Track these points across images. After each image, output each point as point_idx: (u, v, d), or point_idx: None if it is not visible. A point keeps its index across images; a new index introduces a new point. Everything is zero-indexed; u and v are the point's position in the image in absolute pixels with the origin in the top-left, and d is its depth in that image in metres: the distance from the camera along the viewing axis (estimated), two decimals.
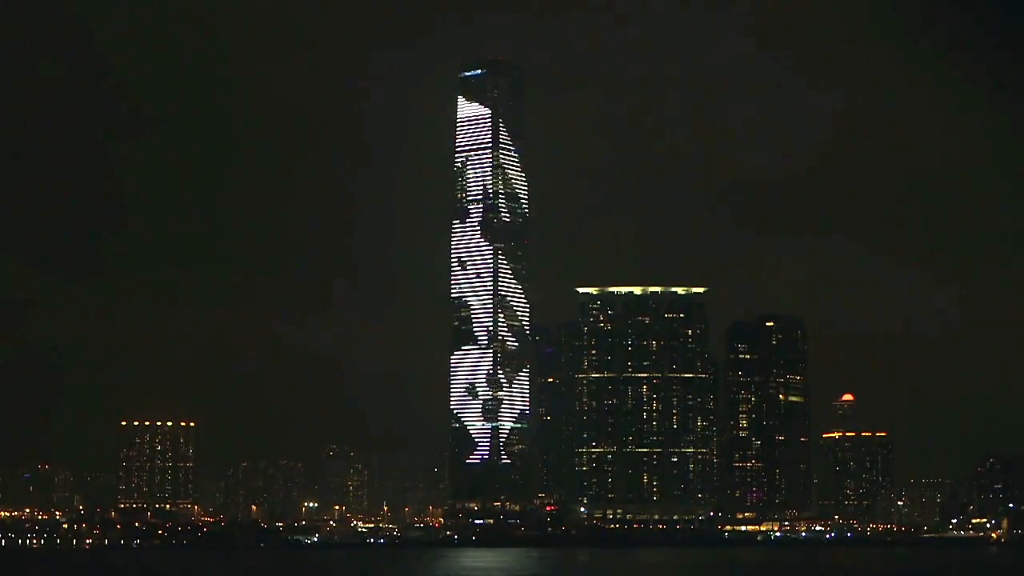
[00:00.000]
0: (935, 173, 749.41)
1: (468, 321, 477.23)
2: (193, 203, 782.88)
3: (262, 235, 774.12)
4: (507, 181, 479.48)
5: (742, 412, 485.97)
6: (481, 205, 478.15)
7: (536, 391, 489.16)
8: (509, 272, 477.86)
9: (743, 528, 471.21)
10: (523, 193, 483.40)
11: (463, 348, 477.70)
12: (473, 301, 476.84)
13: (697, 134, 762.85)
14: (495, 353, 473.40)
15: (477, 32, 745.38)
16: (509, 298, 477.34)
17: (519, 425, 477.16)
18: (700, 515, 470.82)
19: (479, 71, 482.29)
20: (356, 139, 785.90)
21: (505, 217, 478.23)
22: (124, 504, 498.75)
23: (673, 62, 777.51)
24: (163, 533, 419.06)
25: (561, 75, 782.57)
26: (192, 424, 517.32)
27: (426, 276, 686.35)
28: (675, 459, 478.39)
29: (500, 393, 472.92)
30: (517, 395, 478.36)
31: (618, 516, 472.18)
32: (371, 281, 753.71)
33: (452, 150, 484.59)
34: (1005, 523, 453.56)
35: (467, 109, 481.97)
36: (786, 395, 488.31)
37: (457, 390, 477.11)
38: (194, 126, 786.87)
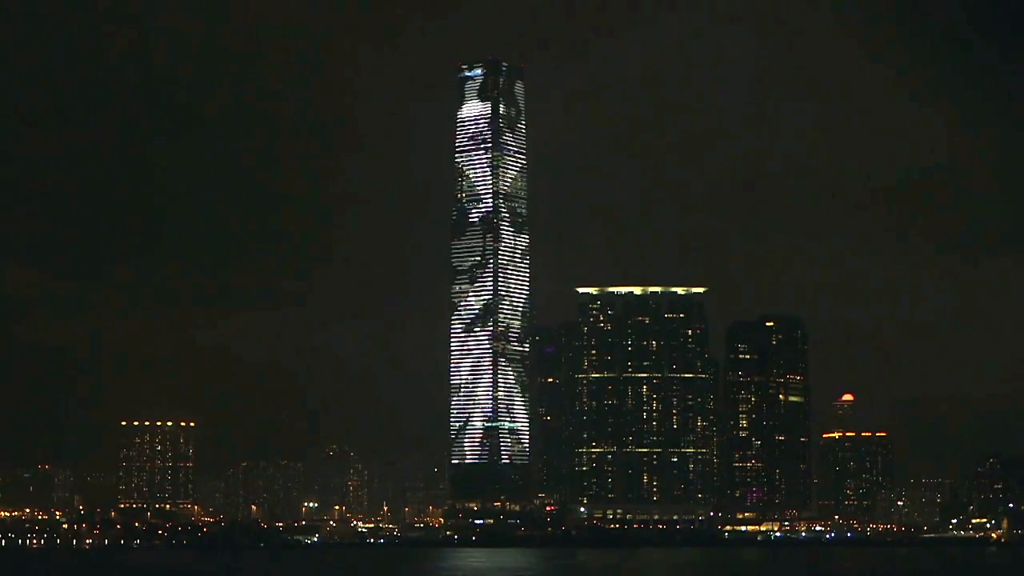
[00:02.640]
0: (935, 173, 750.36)
1: (468, 321, 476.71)
2: (195, 205, 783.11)
3: (263, 236, 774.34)
4: (507, 181, 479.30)
5: (742, 412, 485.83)
6: (481, 205, 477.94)
7: (536, 391, 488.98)
8: (509, 272, 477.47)
9: (743, 528, 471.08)
10: (523, 193, 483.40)
11: (463, 348, 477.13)
12: (473, 301, 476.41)
13: (697, 134, 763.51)
14: (495, 353, 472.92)
15: (478, 31, 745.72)
16: (509, 298, 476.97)
17: (518, 425, 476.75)
18: (700, 515, 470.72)
19: (479, 71, 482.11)
20: (355, 140, 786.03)
21: (505, 217, 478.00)
22: (124, 504, 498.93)
23: (673, 62, 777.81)
24: (163, 533, 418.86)
25: (561, 75, 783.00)
26: (192, 424, 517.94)
27: (426, 276, 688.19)
28: (675, 459, 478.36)
29: (500, 393, 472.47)
30: (516, 396, 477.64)
31: (618, 516, 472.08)
32: (371, 281, 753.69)
33: (452, 150, 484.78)
34: (1005, 523, 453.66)
35: (467, 109, 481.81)
36: (786, 395, 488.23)
37: (457, 390, 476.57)
38: (198, 130, 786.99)
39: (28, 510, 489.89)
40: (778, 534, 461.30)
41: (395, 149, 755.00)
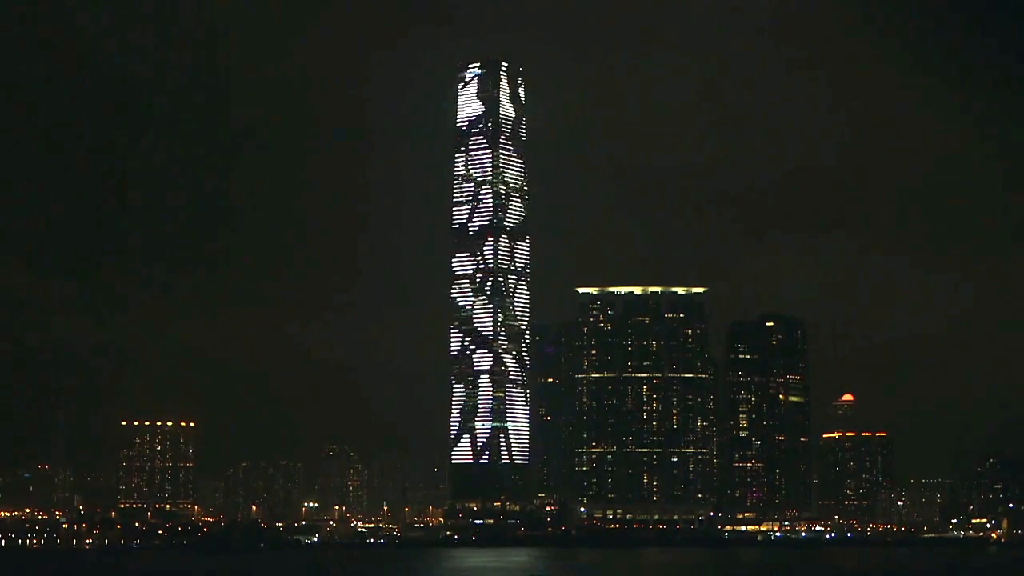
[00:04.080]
0: (936, 173, 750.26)
1: (468, 321, 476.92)
2: (195, 203, 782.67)
3: (262, 236, 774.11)
4: (507, 181, 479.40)
5: (742, 412, 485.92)
6: (481, 205, 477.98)
7: (536, 391, 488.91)
8: (509, 272, 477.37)
9: (743, 528, 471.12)
10: (523, 193, 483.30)
11: (463, 348, 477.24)
12: (473, 301, 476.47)
13: (697, 134, 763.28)
14: (495, 353, 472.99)
15: (477, 32, 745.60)
16: (509, 298, 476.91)
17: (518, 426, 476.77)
18: (700, 515, 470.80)
19: (479, 71, 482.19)
20: (355, 139, 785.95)
21: (505, 217, 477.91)
22: (124, 504, 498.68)
23: (674, 62, 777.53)
24: (163, 533, 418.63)
25: (561, 75, 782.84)
26: (192, 424, 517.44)
27: (426, 276, 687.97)
28: (675, 459, 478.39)
29: (500, 393, 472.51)
30: (516, 396, 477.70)
31: (618, 516, 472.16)
32: (371, 281, 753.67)
33: (452, 150, 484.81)
34: (1005, 523, 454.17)
35: (467, 109, 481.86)
36: (786, 395, 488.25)
37: (457, 390, 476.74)
38: (198, 126, 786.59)
39: (28, 510, 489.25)
40: (778, 534, 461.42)
41: (394, 149, 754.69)
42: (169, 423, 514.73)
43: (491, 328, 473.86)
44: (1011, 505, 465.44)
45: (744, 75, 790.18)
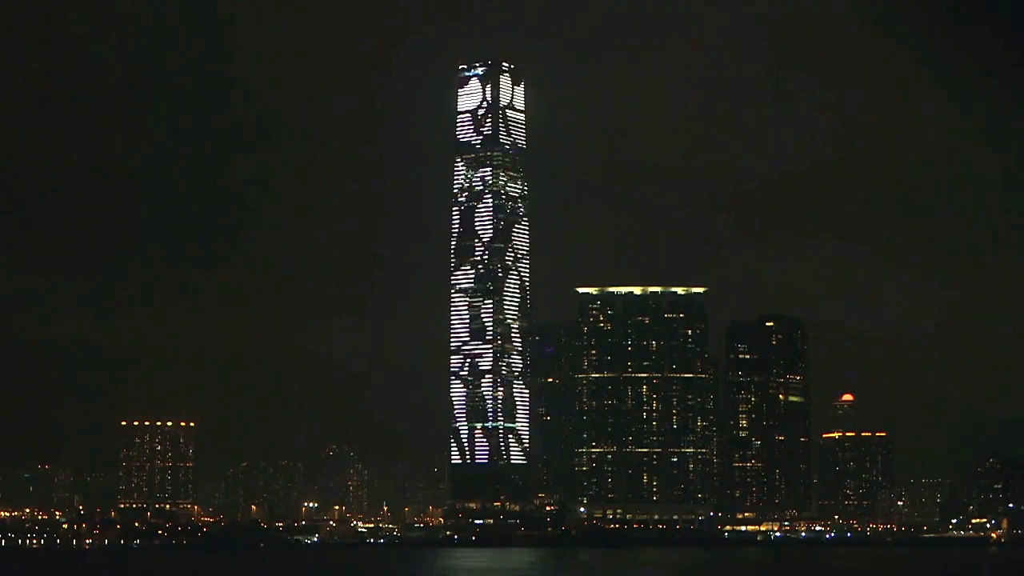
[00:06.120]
0: (934, 174, 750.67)
1: (468, 321, 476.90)
2: (195, 203, 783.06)
3: (261, 237, 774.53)
4: (507, 182, 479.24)
5: (742, 412, 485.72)
6: (481, 205, 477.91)
7: (536, 391, 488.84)
8: (509, 272, 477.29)
9: (743, 528, 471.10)
10: (523, 192, 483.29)
11: (463, 348, 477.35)
12: (473, 301, 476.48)
13: (698, 135, 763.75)
14: (495, 353, 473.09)
15: (477, 32, 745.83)
16: (509, 298, 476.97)
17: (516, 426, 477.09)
18: (700, 515, 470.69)
19: (479, 70, 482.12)
20: (354, 138, 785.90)
21: (505, 217, 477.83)
22: (124, 504, 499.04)
23: (675, 63, 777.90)
24: (163, 533, 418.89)
25: (561, 75, 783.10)
26: (192, 424, 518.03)
27: (426, 277, 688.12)
28: (675, 459, 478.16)
29: (500, 393, 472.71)
30: (516, 396, 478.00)
31: (618, 516, 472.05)
32: (371, 282, 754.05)
33: (452, 150, 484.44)
34: (1005, 523, 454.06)
35: (467, 109, 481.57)
36: (786, 395, 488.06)
37: (457, 391, 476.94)
38: (203, 125, 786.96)
39: (28, 510, 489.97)
40: (778, 534, 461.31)
41: (394, 149, 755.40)
42: (169, 423, 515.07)
43: (491, 328, 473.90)
44: (1011, 505, 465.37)
45: (743, 76, 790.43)
